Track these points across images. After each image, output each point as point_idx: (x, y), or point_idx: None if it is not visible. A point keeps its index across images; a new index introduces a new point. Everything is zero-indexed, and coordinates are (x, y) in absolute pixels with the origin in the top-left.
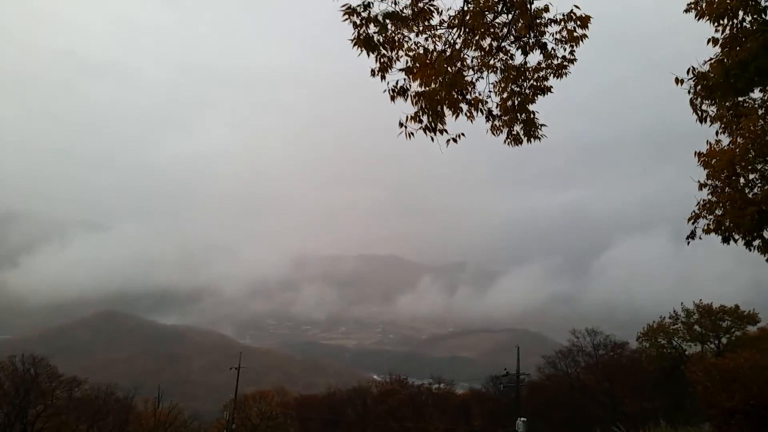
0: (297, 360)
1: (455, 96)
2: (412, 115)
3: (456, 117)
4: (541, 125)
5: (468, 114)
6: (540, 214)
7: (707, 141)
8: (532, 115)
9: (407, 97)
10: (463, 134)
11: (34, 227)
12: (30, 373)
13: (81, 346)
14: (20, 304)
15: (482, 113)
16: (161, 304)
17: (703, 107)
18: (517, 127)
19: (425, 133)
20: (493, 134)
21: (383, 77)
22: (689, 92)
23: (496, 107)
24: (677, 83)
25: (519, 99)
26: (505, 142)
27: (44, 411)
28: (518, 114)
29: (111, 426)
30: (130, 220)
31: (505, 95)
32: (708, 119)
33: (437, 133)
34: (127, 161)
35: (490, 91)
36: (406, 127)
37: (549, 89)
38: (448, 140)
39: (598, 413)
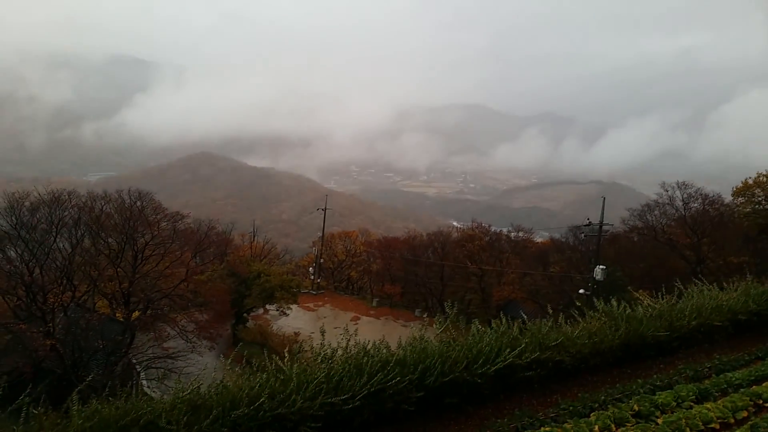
0: (378, 205)
1: None
2: None
3: None
4: None
5: None
6: (650, 62)
7: None
8: None
9: None
10: None
11: (151, 71)
12: (136, 205)
13: (180, 185)
14: (129, 144)
15: None
16: (257, 148)
17: None
18: None
19: None
20: None
21: None
22: None
23: None
24: None
25: None
26: None
27: (151, 240)
28: None
29: (212, 256)
30: (241, 68)
31: None
32: None
33: None
34: (243, 10)
35: None
36: None
37: None
38: None
39: (681, 267)
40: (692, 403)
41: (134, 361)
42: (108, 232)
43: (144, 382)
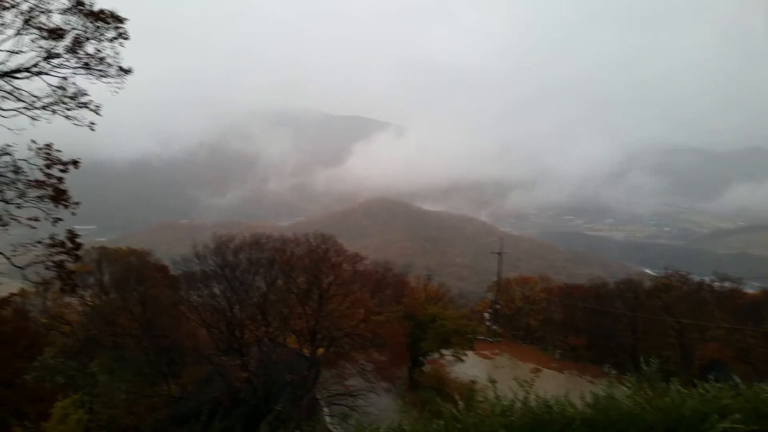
0: (558, 250)
1: None
2: None
3: None
4: None
5: None
6: None
7: None
8: None
9: None
10: None
11: (356, 125)
12: (321, 248)
13: (360, 228)
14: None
15: None
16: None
17: None
18: None
19: None
20: None
21: None
22: None
23: None
24: None
25: None
26: None
27: (334, 281)
28: None
29: (389, 297)
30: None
31: None
32: None
33: None
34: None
35: None
36: None
37: None
38: None
39: None
40: None
41: (318, 396)
42: (298, 272)
43: (327, 417)
